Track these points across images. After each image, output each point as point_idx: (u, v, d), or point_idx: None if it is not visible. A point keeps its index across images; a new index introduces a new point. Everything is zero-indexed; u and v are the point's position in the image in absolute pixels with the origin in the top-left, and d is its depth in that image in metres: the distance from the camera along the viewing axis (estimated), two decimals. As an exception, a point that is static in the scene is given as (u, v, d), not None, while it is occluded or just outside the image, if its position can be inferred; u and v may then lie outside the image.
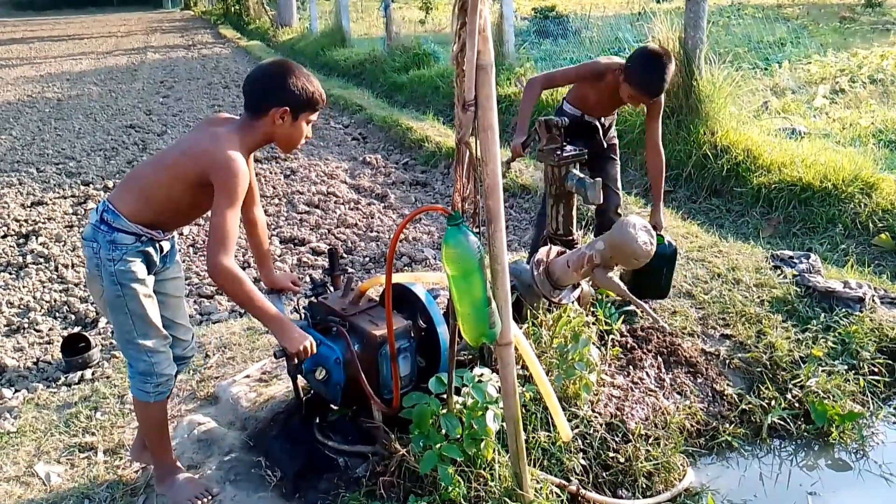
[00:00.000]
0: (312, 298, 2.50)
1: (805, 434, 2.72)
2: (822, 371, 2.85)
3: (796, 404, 2.78)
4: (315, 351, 2.11)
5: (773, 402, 2.77)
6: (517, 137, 3.04)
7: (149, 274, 2.18)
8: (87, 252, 2.15)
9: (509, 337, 1.77)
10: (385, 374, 2.28)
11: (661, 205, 3.29)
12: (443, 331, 2.30)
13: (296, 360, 2.14)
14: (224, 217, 1.98)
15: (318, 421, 2.46)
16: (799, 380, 2.83)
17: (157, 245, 2.19)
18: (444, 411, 2.11)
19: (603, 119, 3.37)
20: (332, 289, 2.55)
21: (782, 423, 2.71)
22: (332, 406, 2.48)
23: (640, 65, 2.96)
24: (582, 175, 2.72)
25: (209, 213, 2.05)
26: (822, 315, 3.15)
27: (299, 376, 2.37)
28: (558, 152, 2.73)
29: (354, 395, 2.28)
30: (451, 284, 1.67)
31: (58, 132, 8.52)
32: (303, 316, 2.48)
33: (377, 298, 2.55)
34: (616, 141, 3.53)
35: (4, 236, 5.13)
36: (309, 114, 2.16)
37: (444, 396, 2.15)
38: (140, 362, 2.18)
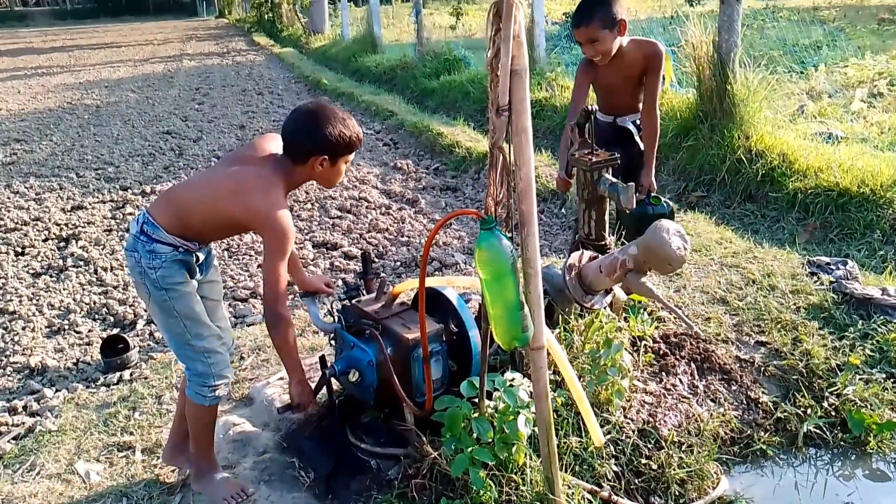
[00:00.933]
0: (346, 301, 2.53)
1: (842, 443, 2.67)
2: (860, 379, 2.80)
3: (833, 413, 2.73)
4: (314, 401, 2.28)
5: (809, 411, 2.73)
6: (558, 174, 3.24)
7: (190, 279, 2.25)
8: (129, 262, 2.23)
9: (542, 341, 1.78)
10: (417, 377, 2.29)
11: (652, 166, 3.30)
12: (474, 334, 2.31)
13: (300, 411, 2.32)
14: (276, 270, 2.10)
15: (350, 423, 2.49)
16: (836, 388, 2.78)
17: (194, 255, 2.25)
18: (476, 415, 2.12)
19: (635, 118, 3.38)
20: (364, 292, 2.58)
21: (818, 431, 2.67)
22: (364, 408, 2.51)
23: None
24: (615, 179, 2.71)
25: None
26: (860, 322, 3.10)
27: (333, 378, 2.40)
28: (591, 157, 2.73)
29: (387, 397, 2.31)
30: (484, 288, 1.68)
31: (97, 138, 8.73)
32: (336, 319, 2.51)
33: (409, 302, 2.57)
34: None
35: (46, 240, 5.27)
36: (347, 156, 2.23)
37: (476, 400, 2.15)
38: (197, 363, 2.24)
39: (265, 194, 2.11)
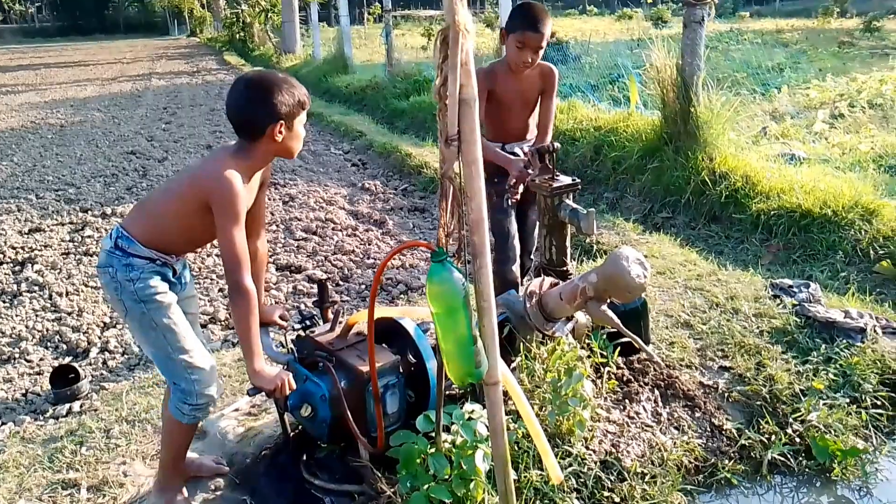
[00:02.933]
0: (300, 332, 2.46)
1: (806, 470, 2.64)
2: (824, 404, 2.78)
3: (797, 439, 2.70)
4: (294, 386, 2.08)
5: (773, 437, 2.69)
6: (512, 164, 3.00)
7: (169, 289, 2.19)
8: (104, 279, 2.16)
9: (497, 376, 1.72)
10: (373, 411, 2.22)
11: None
12: (432, 366, 2.25)
13: (276, 396, 2.11)
14: (231, 237, 2.01)
15: (305, 458, 2.41)
16: (800, 414, 2.76)
17: (171, 267, 2.20)
18: (433, 450, 2.06)
19: (523, 144, 3.24)
20: (320, 322, 2.51)
21: (783, 458, 2.63)
22: (320, 442, 2.43)
23: (514, 14, 3.01)
24: (575, 205, 2.68)
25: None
26: (823, 346, 3.09)
27: (287, 412, 2.32)
28: (551, 182, 2.69)
29: (342, 432, 2.23)
30: (436, 322, 1.62)
31: (59, 158, 8.56)
32: (290, 350, 2.44)
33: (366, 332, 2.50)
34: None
35: (0, 264, 5.11)
36: (300, 114, 2.15)
37: (433, 434, 2.09)
38: (181, 380, 2.16)
39: (215, 165, 2.07)
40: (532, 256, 3.49)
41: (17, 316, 4.25)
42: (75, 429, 2.95)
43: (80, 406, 3.23)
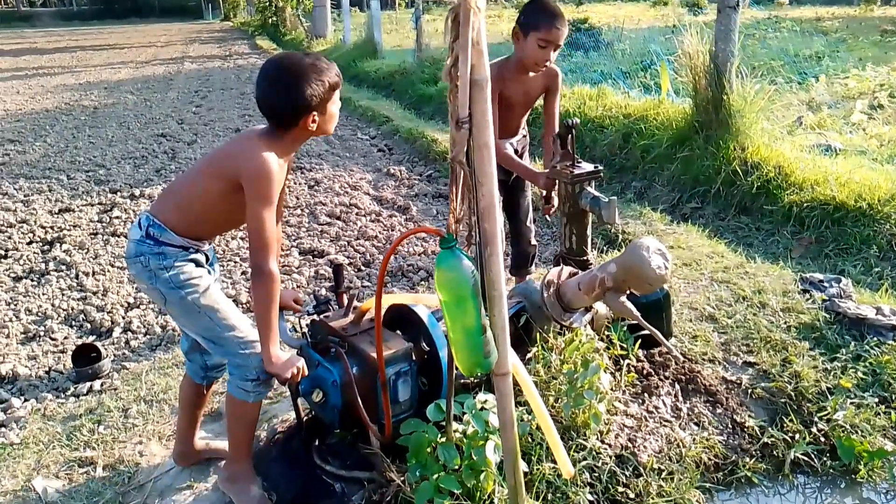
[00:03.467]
0: (314, 316, 2.44)
1: (831, 471, 2.56)
2: (851, 404, 2.70)
3: (822, 439, 2.62)
4: (306, 372, 2.05)
5: (797, 436, 2.62)
6: (539, 176, 3.00)
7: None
8: (134, 270, 2.12)
9: (507, 367, 1.68)
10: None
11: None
12: (444, 355, 2.22)
13: (290, 384, 2.08)
14: (261, 220, 1.96)
15: (317, 443, 2.39)
16: (825, 412, 2.67)
17: (204, 254, 2.18)
18: (443, 440, 2.03)
19: (514, 141, 3.22)
20: (335, 307, 2.49)
21: (806, 458, 2.56)
22: (332, 428, 2.41)
23: (532, 11, 2.87)
24: (597, 193, 2.61)
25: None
26: (853, 343, 2.99)
27: (299, 397, 2.31)
28: (572, 170, 2.63)
29: (353, 418, 2.21)
30: (444, 311, 1.58)
31: (91, 140, 8.66)
32: (303, 335, 2.42)
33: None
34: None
35: (30, 243, 5.18)
36: (333, 97, 2.09)
37: (444, 424, 2.06)
38: (237, 356, 2.13)
39: (248, 145, 2.03)
40: (533, 242, 3.47)
41: (43, 294, 4.31)
42: (94, 407, 2.98)
43: (101, 385, 3.26)
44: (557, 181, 2.76)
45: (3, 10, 45.15)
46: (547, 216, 3.22)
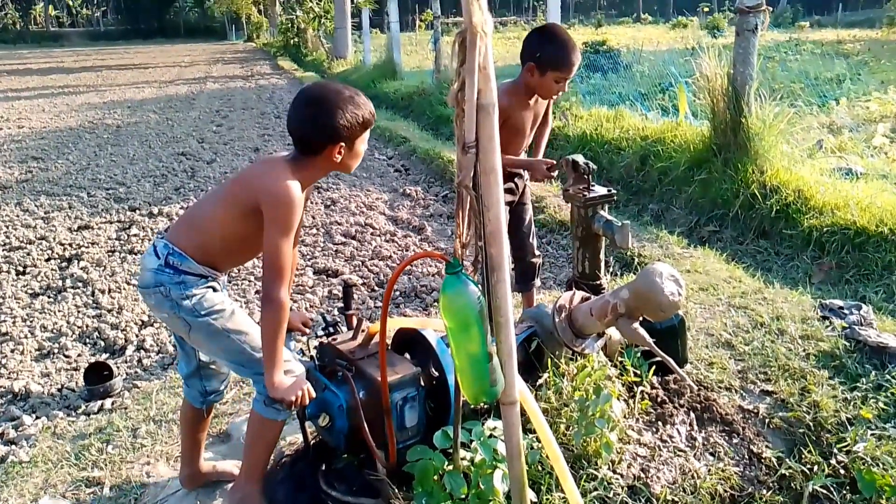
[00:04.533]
0: (323, 338, 2.42)
1: (851, 505, 2.48)
2: (872, 435, 2.61)
3: (842, 471, 2.54)
4: (314, 395, 2.02)
5: (815, 468, 2.54)
6: (535, 167, 2.98)
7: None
8: (153, 300, 2.08)
9: (514, 395, 1.65)
10: (393, 423, 2.17)
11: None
12: (452, 380, 2.18)
13: (295, 409, 2.05)
14: (278, 248, 1.94)
15: (323, 468, 2.36)
16: (845, 444, 2.59)
17: (218, 282, 2.17)
18: (450, 468, 1.99)
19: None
20: (344, 328, 2.47)
21: (825, 491, 2.47)
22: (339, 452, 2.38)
23: (548, 47, 2.82)
24: (610, 217, 2.58)
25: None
26: (874, 373, 2.91)
27: (306, 420, 2.29)
28: (585, 193, 2.60)
29: (359, 442, 2.18)
30: (450, 337, 1.56)
31: (112, 158, 8.78)
32: (311, 357, 2.40)
33: (389, 341, 2.45)
34: (529, 186, 3.37)
35: (48, 259, 5.23)
36: (362, 135, 2.09)
37: (452, 451, 2.02)
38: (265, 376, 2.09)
39: (271, 170, 2.01)
40: (537, 254, 3.43)
41: (59, 311, 4.34)
42: (104, 426, 2.98)
43: (112, 403, 3.26)
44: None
45: (34, 31, 46.18)
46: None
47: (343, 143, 2.03)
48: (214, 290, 2.12)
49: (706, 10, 24.84)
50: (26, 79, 20.27)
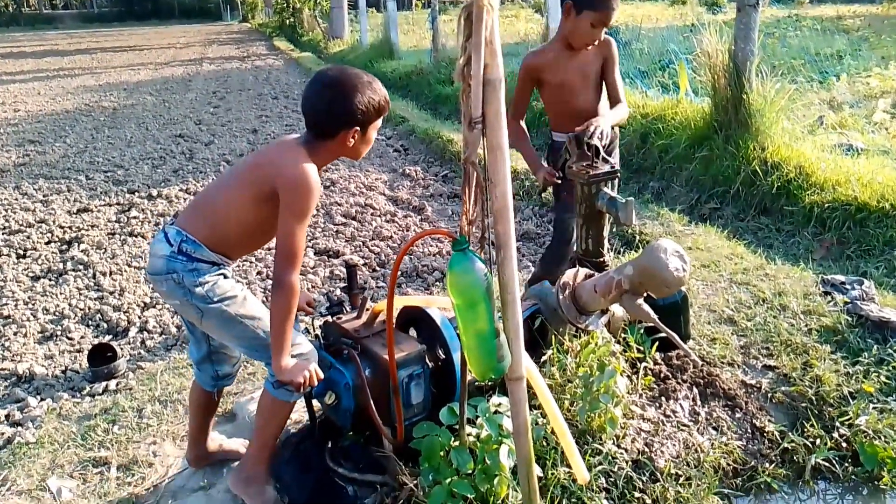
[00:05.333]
0: (327, 318, 2.42)
1: (853, 478, 2.51)
2: (874, 409, 2.64)
3: (844, 444, 2.56)
4: (321, 376, 2.03)
5: (818, 442, 2.56)
6: (539, 169, 2.96)
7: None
8: (165, 287, 2.06)
9: (521, 371, 1.65)
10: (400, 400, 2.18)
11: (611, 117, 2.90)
12: (458, 357, 2.19)
13: (303, 391, 2.06)
14: (293, 232, 1.93)
15: (330, 445, 2.38)
16: (847, 418, 2.62)
17: (230, 269, 2.16)
18: (456, 444, 2.00)
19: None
20: (348, 308, 2.47)
21: (828, 464, 2.50)
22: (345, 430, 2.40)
23: None
24: (613, 194, 2.58)
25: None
26: (875, 347, 2.93)
27: (313, 399, 2.30)
28: (589, 170, 2.60)
29: (366, 420, 2.19)
30: (457, 314, 1.56)
31: (110, 140, 8.73)
32: (316, 337, 2.41)
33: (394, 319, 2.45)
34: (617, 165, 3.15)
35: (48, 242, 5.22)
36: (376, 121, 2.08)
37: (458, 427, 2.03)
38: None
39: (288, 154, 2.00)
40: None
41: (61, 294, 4.34)
42: (109, 407, 2.99)
43: (116, 385, 3.27)
44: (568, 175, 2.71)
45: (27, 13, 45.75)
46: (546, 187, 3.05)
47: (358, 129, 2.02)
48: (226, 277, 2.12)
49: (705, -14, 24.60)
50: (21, 62, 20.10)
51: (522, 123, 3.08)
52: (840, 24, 10.86)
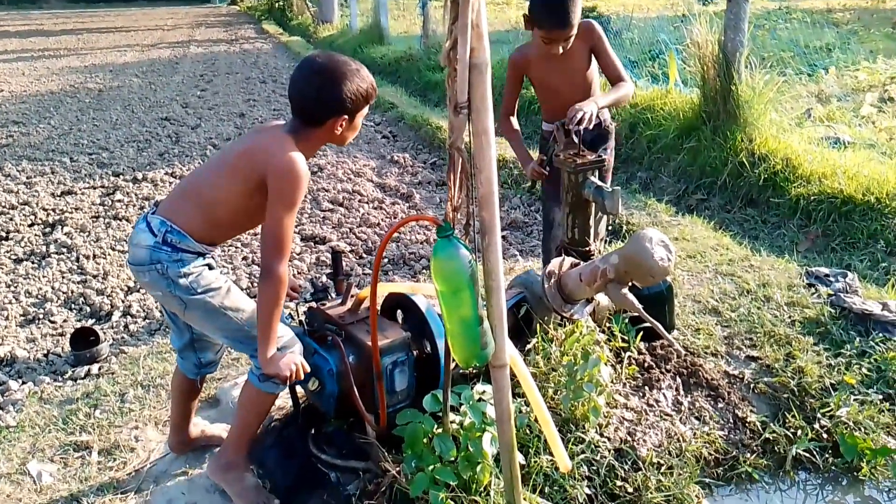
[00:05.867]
0: (312, 304, 2.41)
1: (833, 468, 2.53)
2: (855, 400, 2.66)
3: (824, 435, 2.58)
4: (308, 369, 2.02)
5: (799, 432, 2.58)
6: (526, 164, 2.98)
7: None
8: (148, 277, 2.03)
9: (504, 359, 1.65)
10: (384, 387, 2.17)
11: (600, 100, 2.78)
12: (441, 344, 2.18)
13: (290, 383, 2.04)
14: (281, 222, 1.92)
15: (313, 432, 2.37)
16: (829, 409, 2.64)
17: (213, 257, 2.14)
18: (439, 431, 2.00)
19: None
20: (333, 294, 2.46)
21: (808, 455, 2.53)
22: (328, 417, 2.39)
23: (535, 3, 2.73)
24: (600, 183, 2.57)
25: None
26: (858, 339, 2.95)
27: (297, 385, 2.29)
28: (576, 159, 2.59)
29: (349, 407, 2.18)
30: (441, 301, 1.55)
31: (95, 122, 8.62)
32: (300, 323, 2.39)
33: (379, 306, 2.44)
34: (611, 156, 3.12)
35: (31, 225, 5.17)
36: (363, 109, 2.07)
37: (441, 414, 2.03)
38: None
39: (277, 143, 1.97)
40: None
41: (44, 277, 4.29)
42: (91, 391, 2.97)
43: (99, 369, 3.25)
44: (560, 169, 2.70)
45: (11, -8, 45.05)
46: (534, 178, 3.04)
47: (346, 116, 2.01)
48: (210, 267, 2.10)
49: (696, -24, 24.55)
50: (4, 41, 19.80)
51: (513, 119, 3.07)
52: (830, 16, 10.88)
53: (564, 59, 2.85)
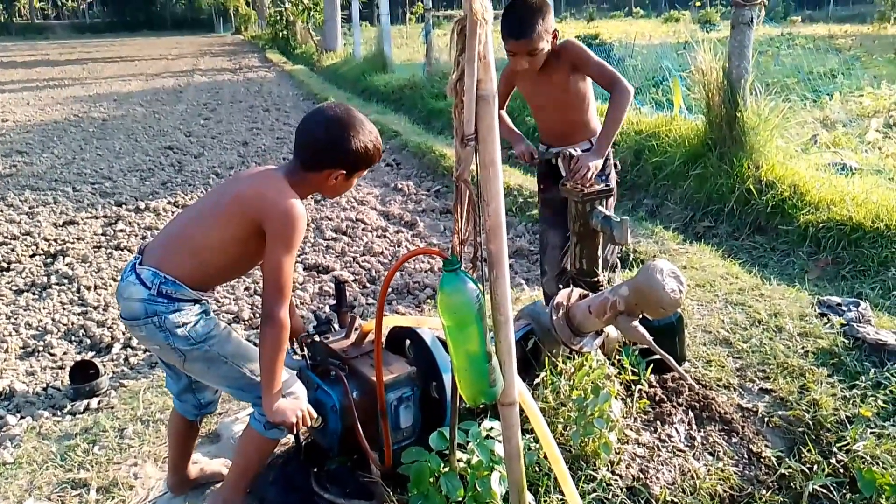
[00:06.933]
0: (315, 337, 2.36)
1: (851, 504, 2.45)
2: (871, 433, 2.58)
3: (841, 470, 2.50)
4: (314, 415, 1.97)
5: (815, 467, 2.50)
6: (519, 143, 2.96)
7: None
8: (145, 332, 1.97)
9: (513, 396, 1.59)
10: (389, 423, 2.11)
11: (603, 148, 2.82)
12: (448, 379, 2.13)
13: (295, 432, 2.00)
14: (281, 266, 1.88)
15: (316, 469, 2.30)
16: (845, 442, 2.56)
17: (210, 305, 2.10)
18: (446, 470, 1.93)
19: (577, 148, 2.98)
20: (336, 327, 2.41)
21: (825, 490, 2.44)
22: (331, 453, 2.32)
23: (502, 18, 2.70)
24: (608, 212, 2.53)
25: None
26: (872, 370, 2.88)
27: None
28: (582, 187, 2.55)
29: (353, 444, 2.12)
30: (447, 336, 1.50)
31: (98, 152, 8.66)
32: (303, 357, 2.34)
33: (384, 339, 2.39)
34: (612, 184, 3.03)
35: (33, 255, 5.14)
36: (363, 171, 2.07)
37: (448, 452, 1.97)
38: None
39: (272, 186, 1.94)
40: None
41: (44, 308, 4.26)
42: (90, 426, 2.91)
43: (98, 403, 3.19)
44: (568, 199, 2.66)
45: (19, 23, 45.66)
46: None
47: (344, 172, 2.00)
48: (207, 313, 2.05)
49: (698, 4, 24.82)
50: (10, 72, 20.02)
51: (503, 112, 3.06)
52: (832, 42, 10.94)
53: (547, 78, 2.86)
